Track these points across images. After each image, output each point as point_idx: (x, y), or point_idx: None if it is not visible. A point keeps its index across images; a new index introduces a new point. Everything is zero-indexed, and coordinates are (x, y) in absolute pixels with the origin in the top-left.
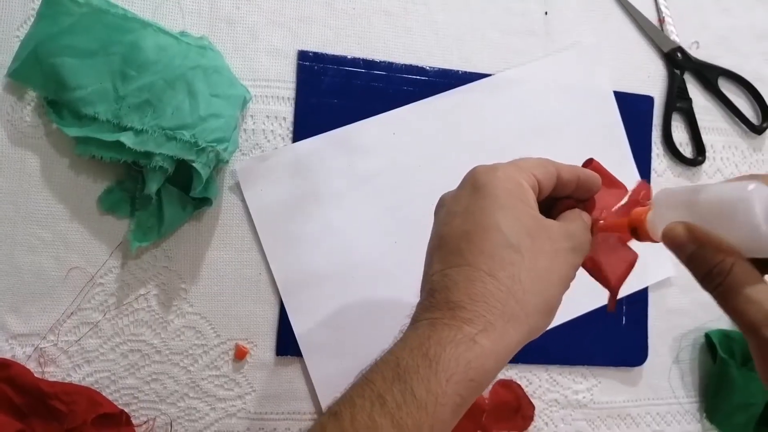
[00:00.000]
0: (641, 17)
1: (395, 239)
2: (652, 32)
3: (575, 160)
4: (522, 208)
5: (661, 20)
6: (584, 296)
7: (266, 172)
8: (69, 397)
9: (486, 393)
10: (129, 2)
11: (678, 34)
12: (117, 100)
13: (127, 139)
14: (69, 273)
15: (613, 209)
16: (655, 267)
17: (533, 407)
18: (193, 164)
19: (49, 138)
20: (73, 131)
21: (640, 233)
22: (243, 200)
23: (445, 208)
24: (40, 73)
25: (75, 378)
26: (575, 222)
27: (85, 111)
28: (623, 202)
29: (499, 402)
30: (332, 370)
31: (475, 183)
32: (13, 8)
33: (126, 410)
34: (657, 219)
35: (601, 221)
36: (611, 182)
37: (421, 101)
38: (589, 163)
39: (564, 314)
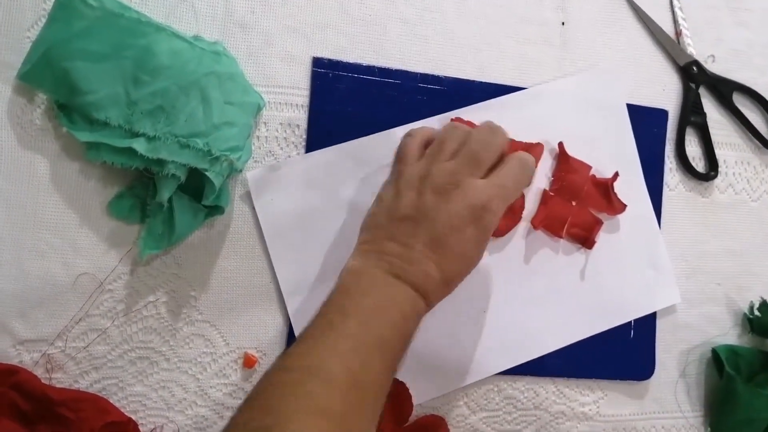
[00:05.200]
0: (658, 29)
1: None
2: (669, 45)
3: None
4: None
5: (678, 33)
6: (594, 318)
7: (277, 181)
8: (76, 404)
9: None
10: (143, 5)
11: (694, 47)
12: (129, 106)
13: (139, 145)
14: (77, 279)
15: None
16: (663, 293)
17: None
18: (207, 173)
19: (59, 142)
20: (84, 136)
21: None
22: (253, 209)
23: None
24: (51, 76)
25: (82, 385)
26: None
27: (96, 116)
28: None
29: None
30: None
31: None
32: (24, 9)
33: (133, 418)
34: None
35: None
36: None
37: (435, 116)
38: None
39: (574, 335)
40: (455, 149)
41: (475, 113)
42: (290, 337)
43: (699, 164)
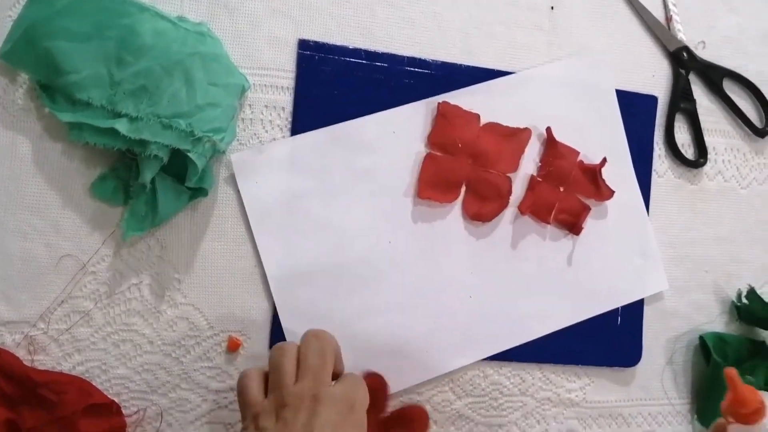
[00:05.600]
0: (648, 15)
1: (390, 239)
2: (659, 30)
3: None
4: None
5: (668, 18)
6: (581, 305)
7: (262, 164)
8: (59, 386)
9: None
10: None
11: (685, 33)
12: (112, 86)
13: (121, 126)
14: (60, 260)
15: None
16: (651, 279)
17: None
18: (189, 154)
19: (42, 122)
20: (67, 116)
21: None
22: (238, 192)
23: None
24: (33, 55)
25: (65, 367)
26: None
27: (78, 96)
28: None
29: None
30: None
31: None
32: None
33: (116, 400)
34: None
35: None
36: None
37: (422, 100)
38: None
39: (561, 321)
40: (294, 370)
41: (462, 98)
42: (275, 321)
43: (688, 151)
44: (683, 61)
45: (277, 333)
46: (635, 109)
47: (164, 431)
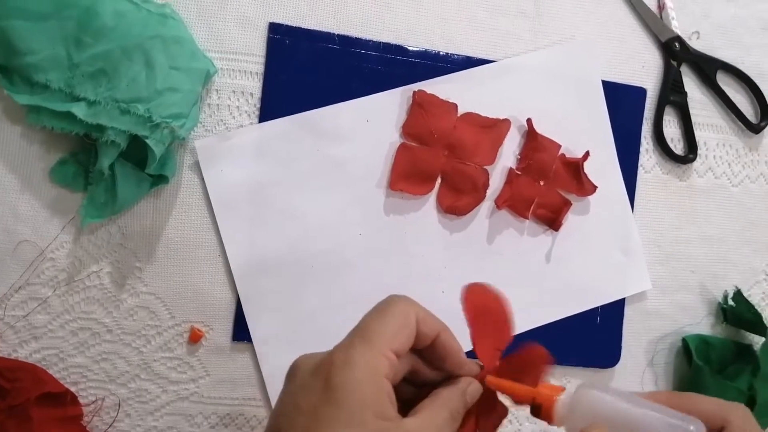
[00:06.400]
0: (640, 3)
1: (360, 231)
2: (650, 19)
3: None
4: (370, 423)
5: (661, 7)
6: (559, 302)
7: (228, 151)
8: (13, 373)
9: None
10: None
11: (678, 22)
12: (70, 68)
13: (78, 110)
14: (18, 246)
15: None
16: (634, 279)
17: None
18: (147, 141)
19: (1, 104)
20: (24, 99)
21: (542, 413)
22: (203, 179)
23: (292, 389)
24: None
25: (21, 354)
26: (430, 419)
27: (36, 78)
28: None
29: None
30: (283, 362)
31: (328, 380)
32: None
33: (74, 389)
34: (573, 412)
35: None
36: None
37: (398, 88)
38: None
39: (538, 319)
40: None
41: (440, 86)
42: (238, 313)
43: (677, 146)
44: (675, 52)
45: (240, 324)
46: (622, 101)
47: (122, 421)
